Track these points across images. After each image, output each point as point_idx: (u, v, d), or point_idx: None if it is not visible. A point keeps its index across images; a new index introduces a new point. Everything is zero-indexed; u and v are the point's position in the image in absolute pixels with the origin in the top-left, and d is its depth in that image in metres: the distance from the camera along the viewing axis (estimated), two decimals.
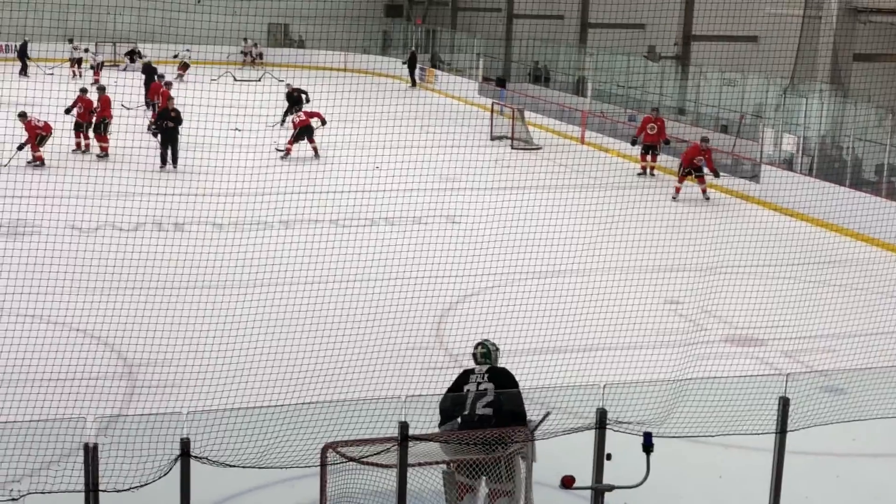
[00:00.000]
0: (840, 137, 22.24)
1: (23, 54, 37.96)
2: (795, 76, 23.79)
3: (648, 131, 23.65)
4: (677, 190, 21.75)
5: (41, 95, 21.00)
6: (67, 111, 23.50)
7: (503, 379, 8.25)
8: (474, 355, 8.55)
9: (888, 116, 20.37)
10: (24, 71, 37.53)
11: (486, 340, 8.70)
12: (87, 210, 14.57)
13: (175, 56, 37.04)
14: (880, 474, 9.90)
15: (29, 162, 21.89)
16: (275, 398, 9.35)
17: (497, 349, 8.61)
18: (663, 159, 24.05)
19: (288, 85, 29.46)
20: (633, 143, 24.10)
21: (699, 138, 21.86)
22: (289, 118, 27.37)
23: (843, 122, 22.21)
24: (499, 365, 8.49)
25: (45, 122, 22.35)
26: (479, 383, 8.19)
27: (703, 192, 21.65)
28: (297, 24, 46.07)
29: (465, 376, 8.36)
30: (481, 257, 15.12)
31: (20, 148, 21.71)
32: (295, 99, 28.42)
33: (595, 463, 7.11)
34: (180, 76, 35.65)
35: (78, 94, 23.99)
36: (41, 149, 22.11)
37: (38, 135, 22.00)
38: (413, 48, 41.77)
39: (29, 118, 21.85)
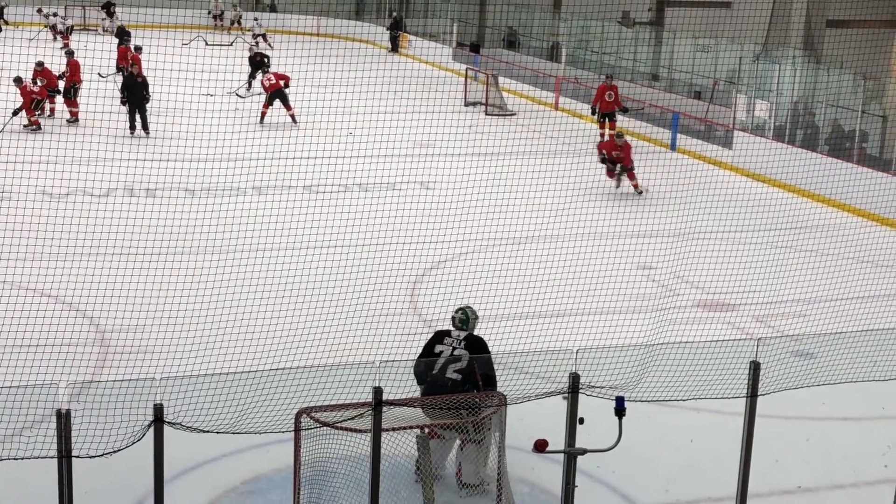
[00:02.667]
0: (813, 104, 22.32)
1: None
2: (768, 42, 23.83)
3: (606, 98, 23.49)
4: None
5: (17, 59, 20.69)
6: (61, 77, 23.27)
7: (479, 349, 8.44)
8: (453, 319, 8.70)
9: (861, 83, 20.45)
10: None
11: (468, 307, 8.86)
12: (58, 175, 14.44)
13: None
14: (849, 438, 10.01)
15: (25, 126, 21.74)
16: (248, 364, 9.35)
17: (476, 317, 8.80)
18: (638, 126, 24.06)
19: (251, 48, 29.24)
20: (593, 111, 23.91)
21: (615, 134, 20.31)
22: (256, 81, 27.19)
23: (816, 88, 22.28)
24: (475, 332, 8.65)
25: (41, 87, 22.17)
26: (454, 348, 8.38)
27: (635, 187, 19.55)
28: None
29: (439, 337, 8.53)
30: (455, 223, 15.12)
31: (15, 113, 21.55)
32: (258, 63, 28.16)
33: (568, 427, 7.15)
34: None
35: (67, 58, 23.77)
36: (37, 113, 21.99)
37: (33, 99, 21.84)
38: (395, 13, 41.42)
39: (24, 83, 21.71)
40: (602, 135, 23.56)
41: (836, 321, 12.46)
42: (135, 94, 22.21)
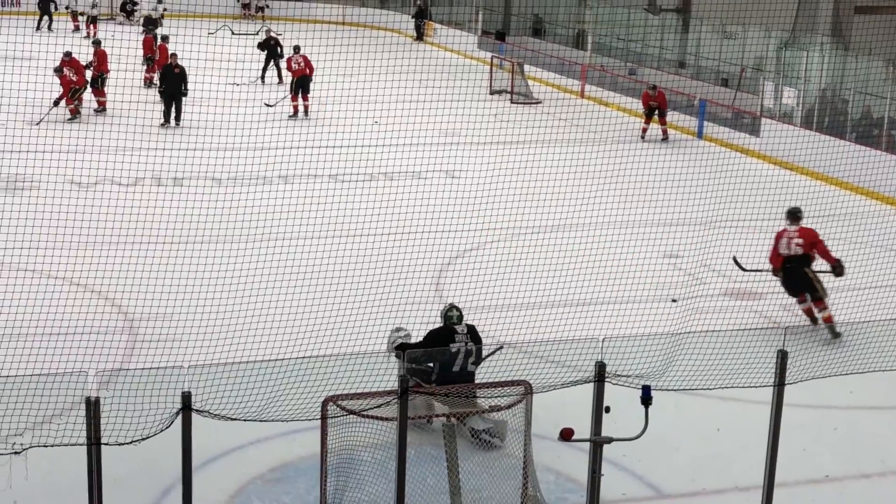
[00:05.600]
0: (841, 91, 22.14)
1: (45, 7, 37.10)
2: (796, 29, 23.64)
3: (651, 105, 23.14)
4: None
5: (46, 49, 20.79)
6: (88, 66, 23.36)
7: (477, 336, 9.17)
8: (450, 317, 9.23)
9: (890, 70, 20.27)
10: (40, 25, 36.65)
11: (453, 304, 9.50)
12: (86, 165, 14.53)
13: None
14: (877, 427, 9.96)
15: (69, 119, 21.85)
16: (276, 352, 9.39)
17: None
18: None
19: (268, 31, 29.22)
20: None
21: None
22: (282, 65, 27.07)
23: (844, 75, 22.10)
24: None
25: (80, 76, 22.29)
26: (466, 343, 8.94)
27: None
28: None
29: (449, 335, 9.00)
30: (480, 212, 15.12)
31: (56, 104, 21.69)
32: (271, 48, 28.01)
33: (594, 415, 7.15)
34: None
35: (94, 48, 23.84)
36: (75, 102, 22.10)
37: (72, 88, 21.97)
38: (419, 1, 41.32)
39: (64, 73, 21.84)
40: (645, 130, 23.18)
41: (863, 310, 12.36)
42: (172, 85, 22.25)
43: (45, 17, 36.41)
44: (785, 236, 12.19)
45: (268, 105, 23.54)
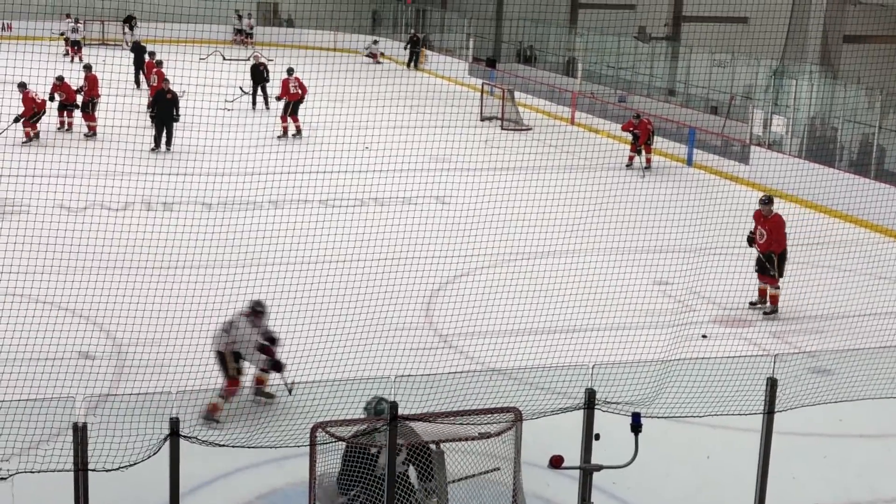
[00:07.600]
0: (830, 119, 22.26)
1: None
2: (785, 57, 23.80)
3: (634, 133, 22.88)
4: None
5: (37, 72, 20.81)
6: (79, 91, 23.33)
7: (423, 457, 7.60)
8: (379, 410, 7.73)
9: (878, 98, 20.40)
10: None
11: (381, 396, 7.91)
12: (76, 189, 14.52)
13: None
14: (866, 455, 9.96)
15: (24, 142, 21.80)
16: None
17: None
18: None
19: (256, 57, 29.25)
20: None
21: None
22: (269, 90, 27.01)
23: (833, 103, 22.23)
24: None
25: (43, 99, 22.24)
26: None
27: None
28: (286, 2, 45.90)
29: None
30: (471, 238, 15.13)
31: (17, 120, 21.62)
32: (260, 73, 27.99)
33: (584, 443, 7.14)
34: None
35: (84, 72, 23.81)
36: (36, 124, 22.02)
37: (34, 111, 21.90)
38: (413, 30, 41.51)
39: (28, 90, 21.80)
40: (631, 158, 22.92)
41: (853, 338, 12.40)
42: (163, 109, 22.23)
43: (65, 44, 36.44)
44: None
45: (228, 102, 23.07)
